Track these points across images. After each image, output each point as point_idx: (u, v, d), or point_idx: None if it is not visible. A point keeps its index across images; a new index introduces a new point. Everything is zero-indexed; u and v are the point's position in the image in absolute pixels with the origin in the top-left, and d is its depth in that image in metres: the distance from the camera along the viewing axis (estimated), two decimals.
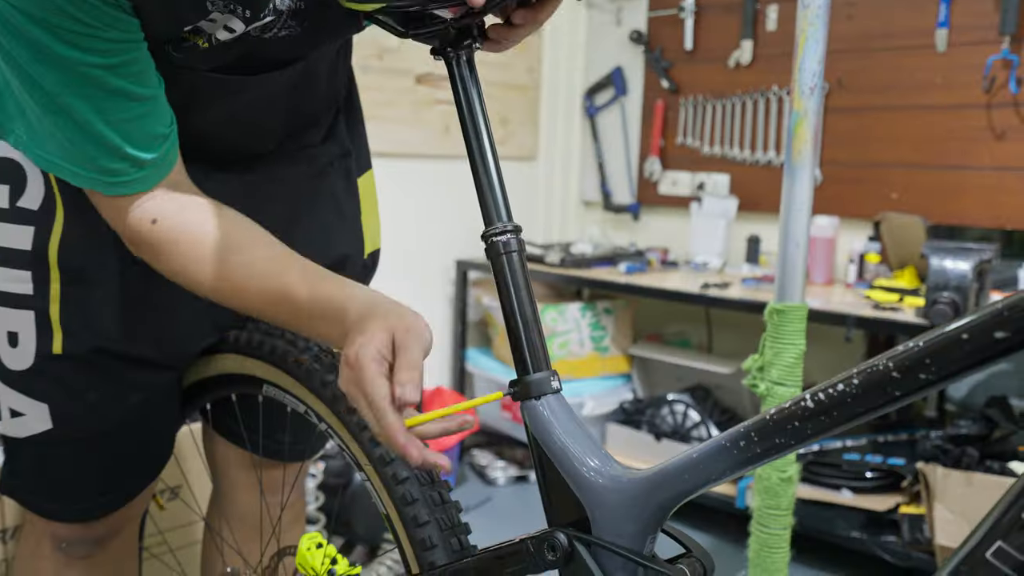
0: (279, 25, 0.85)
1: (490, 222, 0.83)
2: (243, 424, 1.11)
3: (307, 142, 1.05)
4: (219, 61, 0.85)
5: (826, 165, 2.63)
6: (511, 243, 0.82)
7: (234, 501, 1.19)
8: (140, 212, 0.84)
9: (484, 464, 2.80)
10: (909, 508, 2.10)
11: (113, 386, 0.97)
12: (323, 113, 1.05)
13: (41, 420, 0.96)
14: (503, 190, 0.84)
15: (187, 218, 0.84)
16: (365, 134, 1.17)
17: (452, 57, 0.85)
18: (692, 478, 0.70)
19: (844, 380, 0.60)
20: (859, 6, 2.54)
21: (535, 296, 0.84)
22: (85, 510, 1.04)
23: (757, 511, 1.38)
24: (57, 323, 0.93)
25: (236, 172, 0.98)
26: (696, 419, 2.51)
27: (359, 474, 0.93)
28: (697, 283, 2.47)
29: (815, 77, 1.28)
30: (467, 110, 0.85)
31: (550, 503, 0.79)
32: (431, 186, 2.82)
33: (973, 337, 0.53)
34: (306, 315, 0.82)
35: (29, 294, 0.92)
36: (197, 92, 0.88)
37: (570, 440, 0.77)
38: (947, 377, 0.54)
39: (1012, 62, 2.26)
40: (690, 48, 2.89)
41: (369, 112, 1.20)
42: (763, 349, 1.36)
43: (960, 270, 1.89)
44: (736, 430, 0.67)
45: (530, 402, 0.79)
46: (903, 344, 0.56)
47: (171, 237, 0.84)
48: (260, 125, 0.97)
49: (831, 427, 0.61)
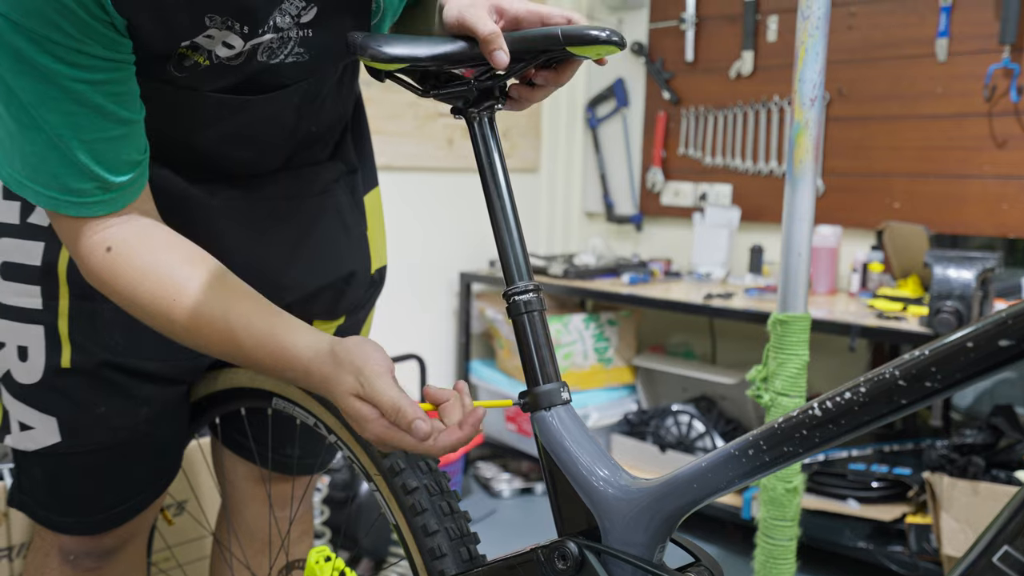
0: (286, 52, 0.86)
1: (511, 281, 0.84)
2: (252, 438, 1.12)
3: (313, 159, 1.05)
4: (223, 82, 0.85)
5: (828, 175, 2.64)
6: (533, 302, 0.82)
7: (243, 515, 1.19)
8: (98, 238, 0.81)
9: (489, 476, 2.80)
10: (916, 518, 2.10)
11: (122, 400, 0.98)
12: (329, 131, 1.06)
13: (50, 433, 0.96)
14: (524, 249, 0.85)
15: (143, 251, 0.82)
16: (372, 152, 1.17)
17: (474, 117, 0.86)
18: (701, 487, 0.70)
19: (851, 389, 0.60)
20: (859, 16, 2.55)
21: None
22: (93, 523, 1.04)
23: (763, 522, 1.38)
24: (66, 337, 0.94)
25: (241, 189, 0.99)
26: (701, 430, 2.51)
27: (368, 484, 0.93)
28: (700, 294, 2.48)
29: (816, 88, 1.29)
30: (488, 169, 0.85)
31: (560, 513, 0.79)
32: (435, 199, 2.83)
33: (978, 346, 0.53)
34: (254, 361, 0.82)
35: (39, 308, 0.93)
36: (200, 112, 0.88)
37: (580, 450, 0.78)
38: (953, 385, 0.55)
39: (1013, 71, 2.26)
40: (691, 59, 2.90)
41: (373, 126, 1.21)
42: (767, 360, 1.37)
43: (963, 279, 1.90)
44: (745, 439, 0.67)
45: (540, 413, 0.80)
46: (909, 353, 0.57)
47: (122, 269, 0.81)
48: (265, 143, 0.98)
49: (839, 435, 0.61)
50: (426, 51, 0.84)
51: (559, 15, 0.81)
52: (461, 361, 2.95)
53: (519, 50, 0.81)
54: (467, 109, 0.87)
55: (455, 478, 2.61)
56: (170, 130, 0.89)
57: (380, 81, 0.91)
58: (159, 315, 0.82)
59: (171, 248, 0.83)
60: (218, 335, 0.81)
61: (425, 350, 2.77)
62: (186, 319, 0.81)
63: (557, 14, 0.81)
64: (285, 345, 0.81)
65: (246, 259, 0.99)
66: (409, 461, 0.89)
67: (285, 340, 0.81)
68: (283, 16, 0.83)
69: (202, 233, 0.95)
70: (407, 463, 0.89)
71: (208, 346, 0.83)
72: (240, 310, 0.82)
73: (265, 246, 1.01)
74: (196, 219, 0.95)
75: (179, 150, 0.92)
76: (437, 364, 2.92)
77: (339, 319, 1.12)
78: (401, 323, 2.79)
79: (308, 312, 1.07)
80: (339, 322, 1.12)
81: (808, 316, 1.34)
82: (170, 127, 0.89)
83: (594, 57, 0.81)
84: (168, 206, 0.90)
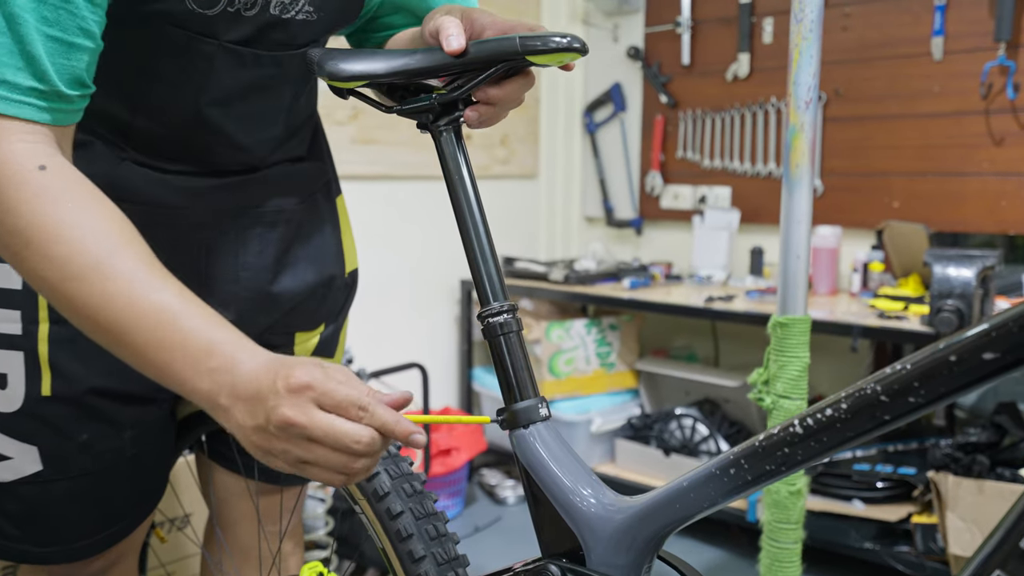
0: (297, 8, 0.87)
1: (486, 302, 0.82)
2: (239, 450, 1.11)
3: (294, 155, 1.05)
4: (236, 31, 0.85)
5: (827, 175, 2.64)
6: (509, 323, 0.81)
7: (235, 533, 1.18)
8: (28, 148, 0.70)
9: (494, 484, 2.79)
10: (922, 518, 2.09)
11: (105, 425, 0.95)
12: (305, 124, 1.06)
13: (31, 462, 0.93)
14: (498, 268, 0.83)
15: (74, 185, 0.71)
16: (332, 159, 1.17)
17: (439, 132, 0.85)
18: (683, 507, 0.69)
19: (832, 405, 0.59)
20: (854, 17, 2.55)
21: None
22: (78, 549, 1.01)
23: (767, 525, 1.38)
24: (46, 363, 0.91)
25: (231, 191, 0.98)
26: (705, 433, 2.51)
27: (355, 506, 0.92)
28: (701, 297, 2.47)
29: (810, 91, 1.29)
30: (458, 185, 0.84)
31: (543, 533, 0.78)
32: (433, 206, 2.83)
33: (962, 359, 0.52)
34: (167, 346, 0.68)
35: (18, 334, 0.90)
36: (212, 64, 0.87)
37: (561, 469, 0.76)
38: (936, 400, 0.54)
39: (1009, 68, 2.26)
40: (687, 62, 2.90)
41: (369, 135, 1.21)
42: (767, 362, 1.36)
43: (963, 277, 1.89)
44: (726, 457, 0.66)
45: (519, 431, 0.79)
46: (891, 366, 0.56)
47: (54, 193, 0.69)
48: (262, 123, 0.97)
49: (821, 452, 0.60)
50: (384, 66, 0.84)
51: (523, 26, 0.80)
52: (463, 369, 2.95)
53: (478, 58, 0.80)
54: (432, 124, 0.86)
55: (459, 485, 2.60)
56: (177, 93, 0.87)
57: (343, 99, 0.90)
58: (63, 270, 0.69)
59: (97, 195, 0.72)
60: (134, 310, 0.68)
61: (426, 359, 2.76)
62: (102, 279, 0.69)
63: (521, 26, 0.80)
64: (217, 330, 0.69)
65: (236, 272, 0.99)
66: (394, 485, 0.88)
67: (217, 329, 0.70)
68: None
69: (190, 246, 0.95)
70: (392, 487, 0.88)
71: (111, 322, 0.69)
72: (175, 288, 0.70)
73: (255, 256, 1.01)
74: (182, 229, 0.94)
75: (177, 129, 0.90)
76: (439, 372, 2.92)
77: (319, 327, 1.11)
78: (402, 332, 2.78)
79: (289, 325, 1.07)
80: (320, 330, 1.11)
81: (808, 318, 1.34)
82: (178, 88, 0.87)
83: (556, 64, 0.80)
84: (156, 218, 0.89)
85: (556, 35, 0.77)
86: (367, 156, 2.61)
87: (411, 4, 1.02)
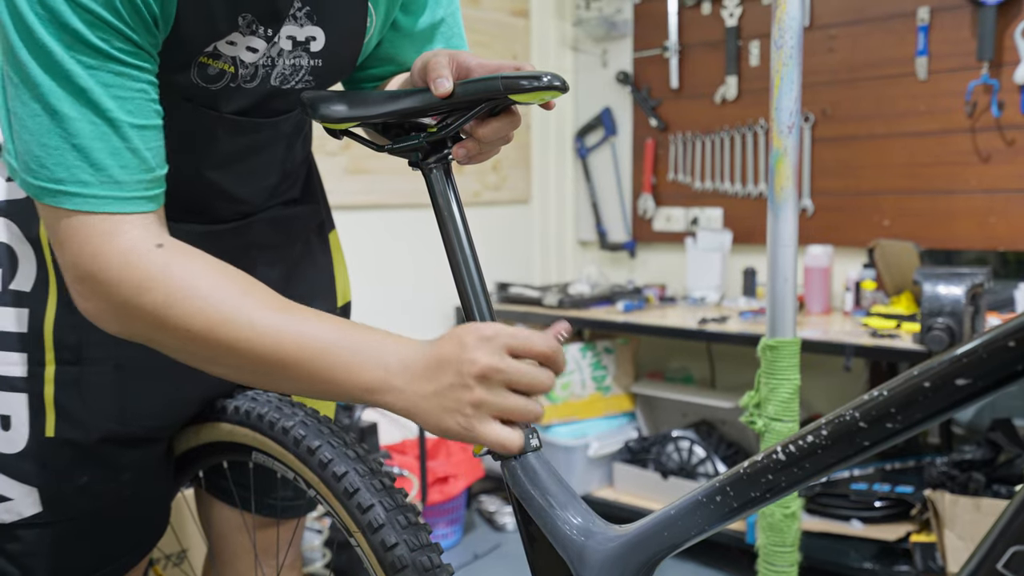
0: (298, 79, 0.90)
1: None
2: (236, 483, 1.11)
3: (287, 197, 1.07)
4: (238, 103, 0.88)
5: (817, 195, 2.66)
6: None
7: (234, 566, 1.18)
8: (143, 233, 0.75)
9: (492, 510, 2.78)
10: (920, 536, 2.08)
11: (104, 467, 0.96)
12: (300, 166, 1.08)
13: (31, 504, 0.94)
14: (487, 300, 0.86)
15: (199, 256, 0.78)
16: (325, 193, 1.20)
17: (429, 170, 0.88)
18: (671, 535, 0.70)
19: (813, 432, 0.60)
20: (839, 39, 2.58)
21: None
22: None
23: (763, 549, 1.37)
24: (51, 405, 0.92)
25: (229, 236, 1.00)
26: (702, 455, 2.50)
27: (351, 539, 0.92)
28: (696, 318, 2.48)
29: (792, 115, 1.30)
30: (449, 222, 0.87)
31: (535, 563, 0.79)
32: (425, 234, 2.83)
33: (935, 386, 0.53)
34: (328, 363, 0.76)
35: (23, 376, 0.91)
36: (214, 132, 0.90)
37: (551, 499, 0.77)
38: (913, 426, 0.55)
39: (992, 86, 2.29)
40: (676, 86, 2.93)
41: (361, 165, 1.23)
42: (759, 385, 1.37)
43: (953, 295, 1.90)
44: (712, 484, 0.67)
45: (510, 462, 0.80)
46: (869, 393, 0.57)
47: (179, 260, 0.76)
48: (260, 175, 1.00)
49: (804, 479, 0.61)
50: (376, 108, 0.86)
51: (509, 66, 0.82)
52: None
53: (463, 99, 0.82)
54: (422, 162, 0.88)
55: (458, 512, 2.59)
56: (179, 159, 0.88)
57: (337, 139, 0.93)
58: (208, 321, 0.75)
59: (210, 258, 0.79)
60: (286, 343, 0.76)
61: None
62: (247, 323, 0.75)
63: (508, 66, 0.82)
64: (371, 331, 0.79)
65: None
66: (388, 517, 0.89)
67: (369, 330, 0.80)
68: (291, 22, 0.86)
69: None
70: (386, 519, 0.89)
71: (268, 360, 0.76)
72: (310, 311, 0.80)
73: None
74: None
75: (178, 190, 0.91)
76: None
77: None
78: None
79: None
80: None
81: (797, 340, 1.34)
82: (180, 155, 0.88)
83: (538, 102, 0.82)
84: None
85: (537, 74, 0.79)
86: (359, 186, 2.63)
87: (400, 57, 1.03)
